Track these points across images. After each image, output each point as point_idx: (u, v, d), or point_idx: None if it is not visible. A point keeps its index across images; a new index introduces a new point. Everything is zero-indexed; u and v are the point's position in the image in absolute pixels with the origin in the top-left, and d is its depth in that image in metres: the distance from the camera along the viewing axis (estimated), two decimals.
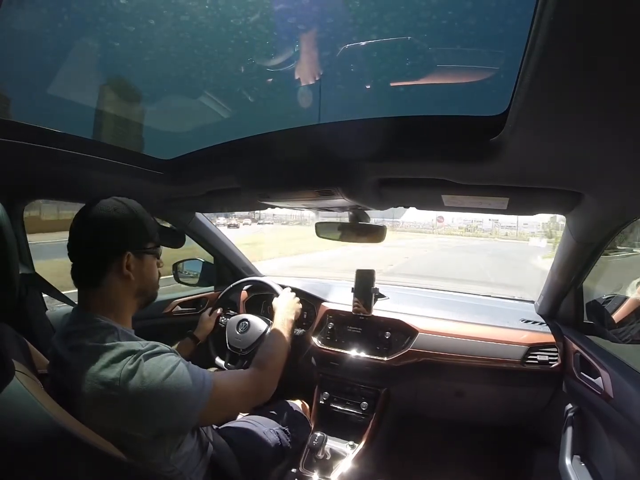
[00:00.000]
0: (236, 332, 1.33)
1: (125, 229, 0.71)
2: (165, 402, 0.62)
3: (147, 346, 0.65)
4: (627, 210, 0.83)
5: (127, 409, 0.60)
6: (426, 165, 0.81)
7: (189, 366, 0.68)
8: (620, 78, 0.42)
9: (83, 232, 0.69)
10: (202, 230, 1.64)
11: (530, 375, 1.24)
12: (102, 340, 0.63)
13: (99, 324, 0.66)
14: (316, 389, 1.45)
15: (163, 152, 1.09)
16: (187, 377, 0.65)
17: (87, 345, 0.63)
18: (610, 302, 1.00)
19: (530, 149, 0.64)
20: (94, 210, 0.69)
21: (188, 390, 0.64)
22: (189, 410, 0.65)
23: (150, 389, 0.60)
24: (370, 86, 0.78)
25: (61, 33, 0.71)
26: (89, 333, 0.65)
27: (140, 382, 0.60)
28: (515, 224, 39.51)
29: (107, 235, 0.69)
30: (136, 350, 0.63)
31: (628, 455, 0.85)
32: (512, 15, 0.56)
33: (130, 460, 0.60)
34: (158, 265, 0.81)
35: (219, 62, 0.79)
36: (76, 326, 0.67)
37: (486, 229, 41.63)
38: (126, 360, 0.61)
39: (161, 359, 0.64)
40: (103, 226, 0.69)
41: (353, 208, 1.15)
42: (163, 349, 0.67)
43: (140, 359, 0.61)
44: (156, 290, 0.81)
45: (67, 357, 0.64)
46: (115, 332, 0.66)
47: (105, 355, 0.61)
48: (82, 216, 0.70)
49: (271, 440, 1.07)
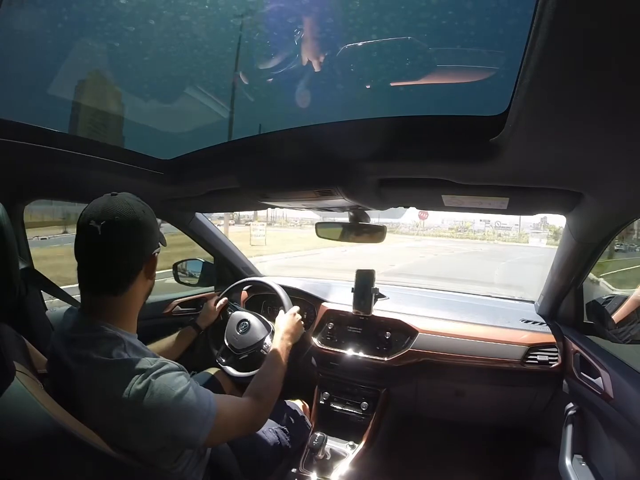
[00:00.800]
0: (235, 331, 1.33)
1: (152, 231, 0.68)
2: (173, 423, 0.61)
3: (156, 364, 0.63)
4: (627, 210, 0.83)
5: (135, 427, 0.59)
6: (426, 165, 0.81)
7: (198, 390, 0.66)
8: (620, 78, 0.42)
9: (109, 234, 0.62)
10: (202, 230, 1.64)
11: (530, 375, 1.23)
12: (109, 353, 0.61)
13: (105, 334, 0.64)
14: (316, 389, 1.45)
15: (163, 152, 1.09)
16: (196, 400, 0.64)
17: (93, 358, 0.61)
18: (610, 302, 1.01)
19: (530, 148, 0.64)
20: (125, 212, 0.63)
21: (195, 414, 0.63)
22: (197, 431, 0.63)
23: (160, 408, 0.59)
24: (370, 86, 0.78)
25: (61, 33, 0.71)
26: (95, 343, 0.63)
27: (150, 401, 0.59)
28: (509, 224, 36.14)
29: (141, 238, 0.65)
30: (145, 368, 0.61)
31: (628, 455, 0.85)
32: (512, 16, 0.57)
33: (130, 461, 0.60)
34: None
35: (219, 62, 0.79)
36: (81, 333, 0.65)
37: (477, 230, 37.71)
38: (135, 379, 0.60)
39: (172, 378, 0.63)
40: (137, 229, 0.64)
41: (353, 208, 1.15)
42: (172, 366, 0.65)
43: (149, 379, 0.60)
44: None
45: (71, 365, 0.62)
46: (122, 343, 0.64)
47: (113, 371, 0.60)
48: (106, 216, 0.62)
49: (271, 440, 1.07)
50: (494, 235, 34.90)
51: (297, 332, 1.13)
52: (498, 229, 36.16)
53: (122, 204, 0.64)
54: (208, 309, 1.32)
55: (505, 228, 35.80)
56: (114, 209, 0.63)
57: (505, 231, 35.73)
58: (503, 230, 35.78)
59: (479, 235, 35.30)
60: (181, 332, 1.20)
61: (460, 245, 23.84)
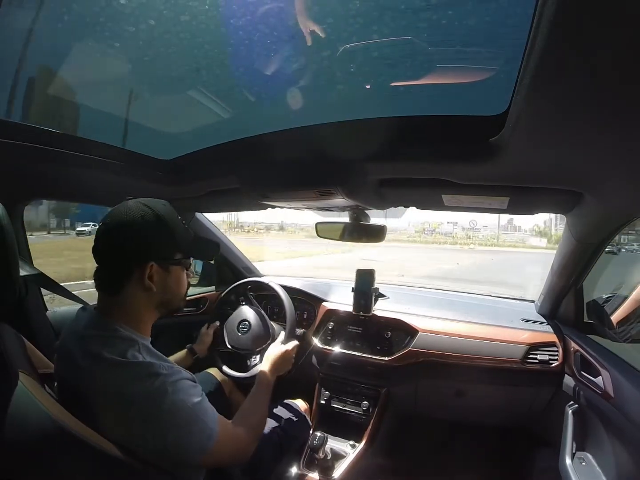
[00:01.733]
0: (237, 333, 1.33)
1: (151, 238, 0.67)
2: (182, 429, 0.61)
3: (172, 370, 0.64)
4: (627, 210, 0.83)
5: (141, 427, 0.59)
6: (426, 165, 0.81)
7: (210, 407, 0.66)
8: (620, 78, 0.42)
9: (107, 237, 0.66)
10: (202, 230, 1.65)
11: (531, 374, 1.24)
12: (123, 354, 0.61)
13: (119, 334, 0.64)
14: (316, 388, 1.45)
15: (163, 152, 1.09)
16: (207, 415, 0.64)
17: (106, 357, 0.61)
18: (610, 302, 1.01)
19: (530, 148, 0.64)
20: (120, 216, 0.66)
21: (203, 426, 0.63)
22: (200, 444, 0.63)
23: (174, 412, 0.60)
24: (370, 86, 0.78)
25: (61, 33, 0.71)
26: (108, 342, 0.63)
27: (166, 403, 0.59)
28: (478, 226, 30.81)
29: (131, 244, 0.66)
30: (160, 373, 0.62)
31: (628, 455, 0.85)
32: (512, 15, 0.57)
33: (131, 461, 0.60)
34: (188, 276, 0.78)
35: (219, 62, 0.79)
36: (94, 331, 0.65)
37: (446, 232, 31.91)
38: (150, 380, 0.60)
39: (189, 387, 0.64)
40: (127, 234, 0.66)
41: (353, 208, 1.15)
42: (188, 376, 0.66)
43: (166, 382, 0.61)
44: (182, 303, 0.78)
45: (81, 362, 0.62)
46: (136, 345, 0.64)
47: (126, 371, 0.60)
48: (108, 221, 0.67)
49: (271, 440, 1.07)
50: (466, 239, 29.52)
51: (284, 367, 1.07)
52: (470, 230, 31.80)
53: (122, 207, 0.67)
54: (202, 334, 1.31)
55: (475, 230, 31.76)
56: (113, 212, 0.67)
57: (474, 232, 31.69)
58: (472, 232, 31.51)
59: (449, 240, 29.70)
60: (177, 357, 1.19)
61: (438, 254, 17.52)
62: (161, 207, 0.70)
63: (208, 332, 1.32)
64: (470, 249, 23.68)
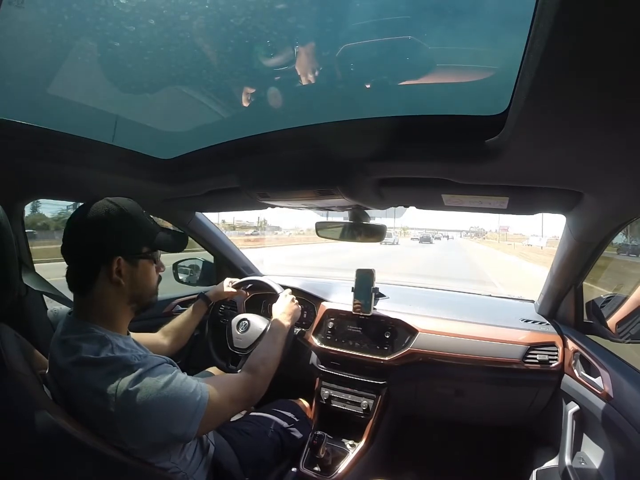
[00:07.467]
0: (237, 332, 1.33)
1: (115, 233, 0.68)
2: (163, 414, 0.61)
3: (143, 360, 0.64)
4: (627, 210, 0.83)
5: (126, 424, 0.59)
6: (426, 164, 0.81)
7: (185, 379, 0.67)
8: (620, 78, 0.42)
9: (72, 236, 0.68)
10: (202, 229, 1.65)
11: (531, 374, 1.24)
12: (97, 352, 0.63)
13: (93, 335, 0.65)
14: (316, 388, 1.45)
15: (163, 152, 1.09)
16: (183, 387, 0.64)
17: (82, 357, 0.62)
18: (610, 302, 1.01)
19: (530, 148, 0.64)
20: (84, 213, 0.67)
21: (185, 400, 0.64)
22: (189, 420, 0.64)
23: (148, 401, 0.60)
24: (370, 86, 0.78)
25: (61, 33, 0.71)
26: (84, 343, 0.64)
27: (138, 396, 0.59)
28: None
29: (96, 239, 0.67)
30: (132, 364, 0.62)
31: (628, 455, 0.85)
32: (512, 15, 0.56)
33: (131, 462, 0.60)
34: (158, 270, 0.78)
35: (219, 62, 0.79)
36: (71, 335, 0.66)
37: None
38: (122, 374, 0.60)
39: (157, 370, 0.64)
40: (91, 230, 0.67)
41: (353, 207, 1.15)
42: (158, 359, 0.66)
43: (135, 373, 0.61)
44: (154, 297, 0.79)
45: (64, 366, 0.63)
46: (109, 344, 0.65)
47: (101, 370, 0.61)
48: (72, 219, 0.68)
49: (272, 439, 1.07)
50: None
51: (293, 312, 1.14)
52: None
53: (87, 206, 0.68)
54: (223, 285, 1.32)
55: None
56: (79, 210, 0.68)
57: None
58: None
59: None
60: (193, 306, 1.20)
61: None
62: (126, 202, 0.71)
63: (229, 290, 1.33)
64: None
